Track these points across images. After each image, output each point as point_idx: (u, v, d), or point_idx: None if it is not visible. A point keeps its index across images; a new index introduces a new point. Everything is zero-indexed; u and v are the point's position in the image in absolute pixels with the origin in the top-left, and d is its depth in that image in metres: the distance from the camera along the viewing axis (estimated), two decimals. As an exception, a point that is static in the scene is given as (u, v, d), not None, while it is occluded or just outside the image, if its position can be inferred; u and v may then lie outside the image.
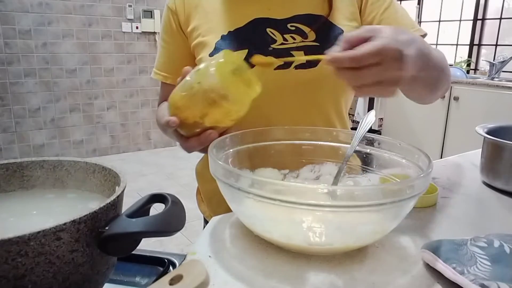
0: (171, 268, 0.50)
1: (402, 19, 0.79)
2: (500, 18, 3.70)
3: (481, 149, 0.79)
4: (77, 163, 0.46)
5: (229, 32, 0.77)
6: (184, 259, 0.50)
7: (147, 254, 0.52)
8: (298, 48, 0.76)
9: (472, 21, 3.91)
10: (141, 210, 0.37)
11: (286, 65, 0.74)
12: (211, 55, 0.76)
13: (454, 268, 0.43)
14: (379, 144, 0.63)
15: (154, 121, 4.45)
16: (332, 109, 0.80)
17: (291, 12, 0.78)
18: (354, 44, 0.48)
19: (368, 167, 0.64)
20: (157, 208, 0.36)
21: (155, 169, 3.55)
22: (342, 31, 0.77)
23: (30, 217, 0.43)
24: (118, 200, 0.37)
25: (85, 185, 0.46)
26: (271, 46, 0.76)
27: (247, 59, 0.59)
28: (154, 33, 3.94)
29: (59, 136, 3.67)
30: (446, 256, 0.45)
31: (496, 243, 0.46)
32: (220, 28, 0.78)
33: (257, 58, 0.59)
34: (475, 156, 0.92)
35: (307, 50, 0.76)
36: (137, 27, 3.83)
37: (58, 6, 3.44)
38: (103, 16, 3.66)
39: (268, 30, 0.77)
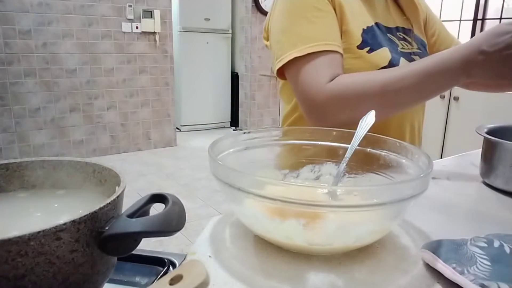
0: (171, 268, 0.50)
1: (446, 29, 1.01)
2: (500, 18, 3.70)
3: (481, 149, 0.79)
4: (77, 163, 0.46)
5: (368, 27, 0.80)
6: (184, 259, 0.50)
7: (147, 254, 0.52)
8: (414, 53, 0.86)
9: (472, 21, 3.91)
10: (141, 210, 0.37)
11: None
12: (360, 47, 0.77)
13: (454, 268, 0.43)
14: (379, 144, 0.63)
15: (154, 121, 4.45)
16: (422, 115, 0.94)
17: (393, 23, 0.87)
18: None
19: (368, 167, 0.64)
20: (157, 208, 0.36)
21: (155, 169, 3.55)
22: (425, 42, 0.94)
23: (30, 217, 0.43)
24: (118, 200, 0.37)
25: (85, 185, 0.46)
26: (400, 49, 0.84)
27: None
28: (154, 33, 3.94)
29: (59, 136, 3.67)
30: (446, 256, 0.45)
31: (496, 243, 0.46)
32: (358, 21, 0.80)
33: None
34: (475, 156, 0.92)
35: (419, 56, 0.87)
36: (137, 27, 3.83)
37: (58, 6, 3.44)
38: (103, 16, 3.66)
39: (388, 35, 0.85)
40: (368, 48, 0.78)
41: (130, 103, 3.98)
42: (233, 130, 5.17)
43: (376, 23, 0.83)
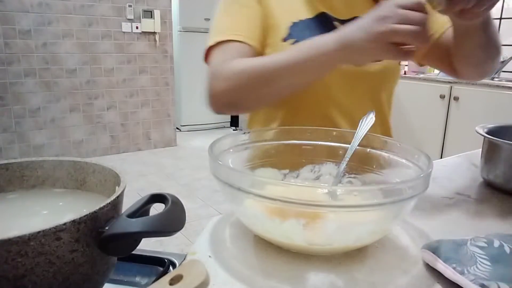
0: (171, 268, 0.50)
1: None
2: (500, 18, 3.70)
3: (481, 149, 0.79)
4: (77, 163, 0.46)
5: (300, 20, 0.78)
6: (184, 259, 0.50)
7: (147, 254, 0.52)
8: None
9: (472, 21, 3.91)
10: (141, 210, 0.37)
11: None
12: (285, 39, 0.76)
13: (454, 268, 0.43)
14: (379, 144, 0.63)
15: (154, 121, 4.41)
16: (386, 99, 0.88)
17: (350, 14, 0.82)
18: None
19: (368, 167, 0.64)
20: (157, 208, 0.36)
21: (155, 169, 3.55)
22: None
23: (30, 217, 0.43)
24: (118, 200, 0.37)
25: (85, 185, 0.46)
26: None
27: None
28: (154, 33, 3.94)
29: (59, 136, 3.67)
30: (446, 256, 0.45)
31: (496, 243, 0.46)
32: (289, 14, 0.79)
33: None
34: (475, 156, 0.92)
35: None
36: (137, 27, 3.83)
37: (58, 6, 3.44)
38: (103, 16, 3.66)
39: (335, 23, 0.81)
40: (293, 40, 0.77)
41: (130, 103, 3.98)
42: (233, 130, 5.17)
43: (322, 13, 0.80)
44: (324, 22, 0.80)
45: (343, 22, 0.81)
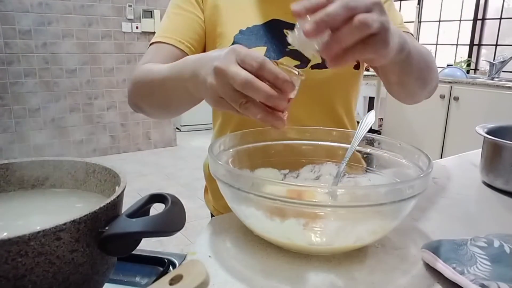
0: (171, 268, 0.50)
1: (395, 17, 0.83)
2: (500, 18, 3.70)
3: (481, 149, 0.79)
4: (77, 163, 0.46)
5: (248, 28, 0.77)
6: (184, 259, 0.50)
7: (147, 254, 0.52)
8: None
9: (472, 21, 3.91)
10: (141, 210, 0.37)
11: (303, 64, 0.76)
12: None
13: (454, 268, 0.43)
14: (379, 144, 0.63)
15: (154, 121, 4.36)
16: (342, 108, 0.83)
17: None
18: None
19: (368, 167, 0.64)
20: (157, 208, 0.36)
21: (155, 169, 3.55)
22: None
23: (30, 217, 0.43)
24: (118, 200, 0.37)
25: (85, 185, 0.46)
26: (288, 47, 0.77)
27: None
28: (154, 33, 3.93)
29: (59, 136, 3.67)
30: (446, 256, 0.45)
31: (496, 243, 0.46)
32: (238, 22, 0.78)
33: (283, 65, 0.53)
34: (475, 156, 0.92)
35: None
36: (137, 27, 3.83)
37: (58, 6, 3.44)
38: (103, 16, 3.66)
39: (285, 31, 0.79)
40: None
41: (130, 103, 3.98)
42: (233, 130, 5.16)
43: (273, 20, 0.79)
44: (273, 29, 0.78)
45: (293, 26, 0.79)
